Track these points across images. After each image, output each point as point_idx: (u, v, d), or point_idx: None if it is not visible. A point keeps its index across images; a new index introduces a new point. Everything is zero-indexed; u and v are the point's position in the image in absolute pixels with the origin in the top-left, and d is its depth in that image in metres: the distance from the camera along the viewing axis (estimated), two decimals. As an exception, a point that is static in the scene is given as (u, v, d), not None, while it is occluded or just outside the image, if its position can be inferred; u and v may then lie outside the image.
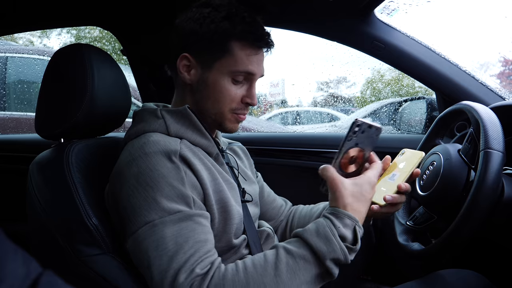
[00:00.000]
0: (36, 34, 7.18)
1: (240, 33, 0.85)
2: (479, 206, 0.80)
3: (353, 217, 0.74)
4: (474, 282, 0.90)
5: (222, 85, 0.87)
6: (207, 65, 0.87)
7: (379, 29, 1.30)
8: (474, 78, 1.29)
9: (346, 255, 0.71)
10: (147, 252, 0.71)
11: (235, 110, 0.90)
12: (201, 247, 0.72)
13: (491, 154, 0.81)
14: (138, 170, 0.76)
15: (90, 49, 0.94)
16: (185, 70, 0.89)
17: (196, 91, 0.90)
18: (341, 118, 5.39)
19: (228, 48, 0.86)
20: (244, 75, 0.88)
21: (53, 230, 0.81)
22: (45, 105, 0.94)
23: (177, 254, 0.70)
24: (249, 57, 0.87)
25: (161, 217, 0.72)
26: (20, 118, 2.99)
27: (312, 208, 1.15)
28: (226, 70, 0.87)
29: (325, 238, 0.71)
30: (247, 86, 0.90)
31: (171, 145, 0.80)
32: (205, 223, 0.77)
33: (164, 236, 0.71)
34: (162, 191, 0.74)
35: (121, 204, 0.78)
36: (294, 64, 7.33)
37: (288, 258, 0.71)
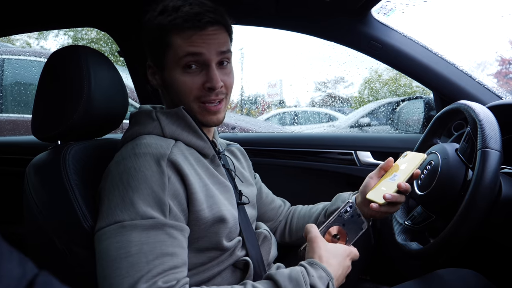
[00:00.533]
0: (33, 36, 7.17)
1: (170, 22, 0.82)
2: (477, 205, 0.80)
3: (328, 271, 0.75)
4: (472, 281, 0.90)
5: (177, 78, 0.85)
6: (161, 65, 0.88)
7: (376, 29, 1.30)
8: (471, 78, 1.30)
9: None
10: (108, 251, 0.70)
11: (200, 99, 0.86)
12: (167, 261, 0.70)
13: (488, 153, 0.81)
14: (123, 168, 0.76)
15: (87, 50, 0.94)
16: (152, 77, 0.92)
17: (167, 94, 0.91)
18: (339, 118, 5.40)
19: (167, 41, 0.84)
20: (192, 59, 0.83)
21: (50, 232, 0.81)
22: (42, 107, 0.93)
23: (139, 261, 0.68)
24: (190, 39, 0.82)
25: (132, 219, 0.71)
26: (17, 120, 2.98)
27: (311, 209, 1.15)
28: (174, 62, 0.84)
29: (296, 284, 0.71)
30: (205, 71, 0.85)
31: (162, 148, 0.79)
32: (176, 236, 0.74)
33: (130, 239, 0.70)
34: (140, 193, 0.73)
35: (101, 198, 0.78)
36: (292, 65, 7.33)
37: None
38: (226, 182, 0.90)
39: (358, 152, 1.60)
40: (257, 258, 0.92)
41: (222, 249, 0.85)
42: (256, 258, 0.92)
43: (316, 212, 1.12)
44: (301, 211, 1.17)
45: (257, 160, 1.56)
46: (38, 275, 0.34)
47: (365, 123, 4.00)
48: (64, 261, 0.79)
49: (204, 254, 0.84)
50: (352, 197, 1.05)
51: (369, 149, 1.59)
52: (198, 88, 0.85)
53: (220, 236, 0.83)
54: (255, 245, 0.94)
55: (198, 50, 0.82)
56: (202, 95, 0.85)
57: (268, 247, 0.99)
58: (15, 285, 0.31)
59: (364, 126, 3.97)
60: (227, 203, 0.86)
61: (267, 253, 0.98)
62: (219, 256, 0.86)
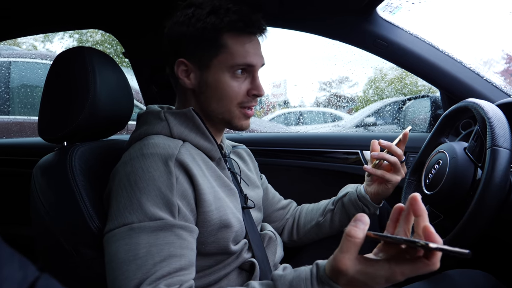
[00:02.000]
0: (39, 39, 7.22)
1: (229, 24, 0.83)
2: (486, 204, 0.78)
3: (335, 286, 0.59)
4: (482, 281, 0.89)
5: (224, 82, 0.85)
6: (204, 65, 0.86)
7: (382, 27, 1.29)
8: (479, 75, 1.28)
9: None
10: (117, 253, 0.70)
11: (242, 104, 0.88)
12: (173, 262, 0.70)
13: (498, 152, 0.80)
14: (131, 169, 0.76)
15: (92, 52, 0.94)
16: (184, 75, 0.88)
17: (199, 94, 0.89)
18: (344, 118, 5.38)
19: (221, 42, 0.84)
20: (244, 67, 0.86)
21: (57, 233, 0.81)
22: (48, 109, 0.93)
23: (146, 263, 0.68)
24: (244, 46, 0.85)
25: (140, 221, 0.71)
26: (23, 122, 3.00)
27: (319, 203, 1.18)
28: (224, 66, 0.85)
29: None
30: (250, 79, 0.88)
31: (170, 149, 0.79)
32: (185, 237, 0.74)
33: (138, 242, 0.69)
34: (148, 194, 0.73)
35: (109, 200, 0.77)
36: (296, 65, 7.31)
37: None
38: (231, 185, 0.89)
39: (364, 151, 1.59)
40: (263, 259, 0.92)
41: (229, 252, 0.85)
42: (262, 259, 0.92)
43: (324, 204, 1.13)
44: (309, 207, 1.19)
45: (263, 160, 1.56)
46: (39, 278, 0.34)
47: (370, 122, 3.98)
48: (71, 262, 0.79)
49: (211, 257, 0.83)
50: (360, 187, 1.08)
51: (376, 149, 1.58)
52: (243, 94, 0.87)
53: (227, 240, 0.83)
54: (260, 247, 0.94)
55: (253, 62, 0.86)
56: (245, 101, 0.88)
57: (274, 248, 0.98)
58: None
59: (369, 126, 3.95)
60: (232, 206, 0.86)
61: (273, 254, 0.97)
62: (226, 259, 0.85)
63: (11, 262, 0.32)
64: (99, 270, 0.78)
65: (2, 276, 0.30)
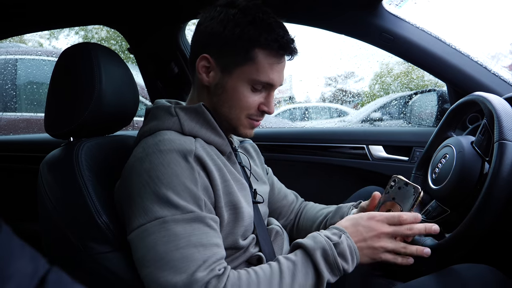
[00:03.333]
0: (45, 36, 7.25)
1: (265, 41, 0.82)
2: (494, 198, 0.78)
3: (341, 228, 0.80)
4: (489, 276, 0.88)
5: (241, 92, 0.85)
6: (228, 69, 0.85)
7: (388, 21, 1.28)
8: (486, 69, 1.27)
9: (332, 247, 0.75)
10: (154, 247, 0.70)
11: (250, 116, 0.89)
12: (214, 250, 0.72)
13: (506, 145, 0.79)
14: (150, 165, 0.75)
15: (97, 48, 0.94)
16: (204, 71, 0.87)
17: (213, 94, 0.89)
18: (349, 113, 5.35)
19: (251, 55, 0.83)
20: (264, 84, 0.87)
21: (64, 228, 0.81)
22: (54, 105, 0.94)
23: (192, 253, 0.69)
24: (272, 66, 0.85)
25: (173, 215, 0.71)
26: (30, 118, 3.03)
27: (316, 212, 1.14)
28: (246, 78, 0.85)
29: (312, 237, 0.78)
30: (265, 94, 0.89)
31: (187, 145, 0.79)
32: (216, 227, 0.76)
33: (176, 233, 0.70)
34: (174, 189, 0.73)
35: (130, 199, 0.77)
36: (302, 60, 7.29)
37: (288, 263, 0.75)
38: (242, 180, 0.90)
39: (370, 146, 1.58)
40: (270, 253, 0.92)
41: (237, 247, 0.85)
42: (269, 253, 0.92)
43: (319, 219, 1.11)
44: (308, 212, 1.17)
45: (269, 156, 1.56)
46: (50, 271, 0.34)
47: (376, 117, 3.96)
48: (78, 256, 0.80)
49: None
50: (351, 211, 1.04)
51: (382, 143, 1.57)
52: (255, 107, 0.88)
53: (237, 235, 0.84)
54: (268, 241, 0.94)
55: (275, 81, 0.87)
56: (254, 114, 0.89)
57: (281, 242, 0.99)
58: (27, 282, 0.31)
59: (375, 121, 3.93)
60: (244, 200, 0.86)
61: (280, 248, 0.97)
62: (234, 254, 0.86)
63: (22, 254, 0.32)
64: (106, 264, 0.79)
65: (14, 269, 0.30)
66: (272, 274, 0.73)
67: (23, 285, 0.31)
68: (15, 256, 0.32)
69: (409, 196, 0.82)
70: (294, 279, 0.72)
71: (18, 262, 0.31)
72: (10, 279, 0.29)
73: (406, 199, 0.82)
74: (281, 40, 0.83)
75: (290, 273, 0.73)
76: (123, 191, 0.81)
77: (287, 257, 0.76)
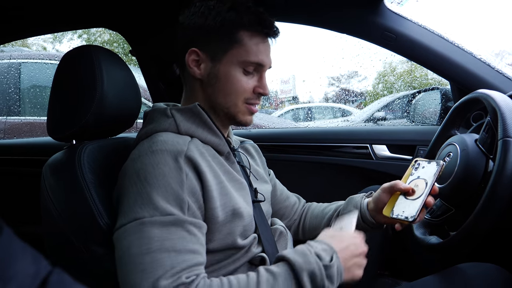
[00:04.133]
0: (49, 40, 7.31)
1: (248, 22, 0.85)
2: (499, 196, 0.77)
3: (331, 246, 0.77)
4: (494, 275, 0.88)
5: (234, 76, 0.87)
6: (217, 57, 0.87)
7: (390, 19, 1.27)
8: (489, 66, 1.26)
9: (321, 269, 0.72)
10: (129, 248, 0.70)
11: (247, 100, 0.90)
12: (187, 257, 0.70)
13: (510, 143, 0.78)
14: (141, 166, 0.76)
15: (99, 50, 0.94)
16: (194, 64, 0.89)
17: (207, 86, 0.89)
18: (353, 112, 5.34)
19: (237, 38, 0.86)
20: (255, 66, 0.88)
21: (67, 231, 0.81)
22: (56, 108, 0.94)
23: (162, 257, 0.68)
24: (258, 46, 0.87)
25: (151, 216, 0.71)
26: (34, 122, 3.04)
27: (324, 209, 1.14)
28: (236, 61, 0.86)
29: (301, 253, 0.74)
30: (257, 77, 0.90)
31: (179, 145, 0.79)
32: (195, 233, 0.74)
33: (150, 236, 0.69)
34: (158, 189, 0.73)
35: (120, 199, 0.78)
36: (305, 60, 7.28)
37: (268, 276, 0.72)
38: (241, 179, 0.89)
39: (374, 145, 1.57)
40: (274, 254, 0.92)
41: (237, 247, 0.85)
42: (273, 254, 0.91)
43: (328, 214, 1.10)
44: (314, 211, 1.16)
45: (271, 156, 1.55)
46: (52, 272, 0.34)
47: (380, 117, 3.95)
48: (81, 259, 0.80)
49: (219, 253, 0.83)
50: (363, 201, 1.04)
51: (385, 143, 1.57)
52: (250, 90, 0.89)
53: (235, 235, 0.83)
54: (271, 241, 0.94)
55: (264, 61, 0.89)
56: (251, 98, 0.90)
57: (285, 242, 0.98)
58: (29, 283, 0.31)
59: (379, 120, 3.92)
60: (242, 200, 0.86)
61: (283, 249, 0.97)
62: (234, 254, 0.85)
63: (24, 256, 0.32)
64: (109, 266, 0.79)
65: (15, 270, 0.30)
66: (247, 285, 0.70)
67: (25, 286, 0.31)
68: (16, 257, 0.32)
69: (434, 170, 0.87)
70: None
71: (20, 263, 0.31)
72: (11, 281, 0.30)
73: (432, 174, 0.87)
74: (263, 21, 0.87)
75: (269, 286, 0.70)
76: (117, 192, 0.82)
77: (268, 269, 0.74)
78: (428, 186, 0.85)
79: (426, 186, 0.86)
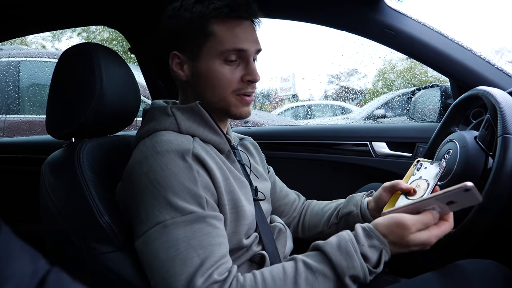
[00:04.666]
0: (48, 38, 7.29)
1: (215, 10, 0.82)
2: (498, 194, 0.77)
3: (383, 239, 0.71)
4: (494, 272, 0.87)
5: (216, 70, 0.84)
6: (195, 55, 0.85)
7: (389, 16, 1.27)
8: (489, 63, 1.26)
9: (366, 274, 0.68)
10: (157, 253, 0.69)
11: (238, 91, 0.87)
12: (216, 251, 0.70)
13: (510, 140, 0.78)
14: (149, 168, 0.75)
15: (98, 48, 0.94)
16: (178, 68, 0.88)
17: (194, 86, 0.89)
18: (353, 110, 5.33)
19: (209, 30, 0.83)
20: (235, 53, 0.85)
21: (67, 229, 0.81)
22: (55, 105, 0.94)
23: (191, 257, 0.68)
24: (233, 31, 0.83)
25: (173, 218, 0.71)
26: (33, 120, 3.03)
27: (324, 207, 1.14)
28: (214, 53, 0.84)
29: (346, 253, 0.69)
30: (244, 64, 0.87)
31: (184, 144, 0.78)
32: (218, 226, 0.75)
33: (176, 237, 0.69)
34: (173, 191, 0.72)
35: (132, 203, 0.77)
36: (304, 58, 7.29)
37: (307, 273, 0.69)
38: (242, 178, 0.89)
39: (373, 143, 1.57)
40: (273, 251, 0.92)
41: (241, 247, 0.85)
42: (272, 251, 0.91)
43: (328, 212, 1.10)
44: (314, 208, 1.16)
45: (271, 154, 1.55)
46: (50, 272, 0.34)
47: (380, 114, 3.94)
48: (81, 257, 0.80)
49: None
50: (363, 200, 1.03)
51: (385, 140, 1.57)
52: (237, 81, 0.86)
53: (241, 234, 0.83)
54: (270, 239, 0.94)
55: (243, 46, 0.84)
56: (241, 88, 0.87)
57: (284, 240, 0.98)
58: (26, 282, 0.31)
59: (379, 118, 3.91)
60: (244, 199, 0.85)
61: (283, 246, 0.97)
62: (236, 253, 0.85)
63: (22, 255, 0.32)
64: (109, 264, 0.79)
65: (12, 270, 0.30)
66: (284, 282, 0.68)
67: (22, 286, 0.31)
68: (14, 256, 0.31)
69: (436, 171, 0.85)
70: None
71: (17, 262, 0.31)
72: (9, 280, 0.29)
73: (434, 175, 0.84)
74: (230, 3, 0.83)
75: (308, 285, 0.68)
76: (125, 195, 0.81)
77: (307, 264, 0.70)
78: (430, 187, 0.83)
79: (428, 187, 0.84)
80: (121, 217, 0.84)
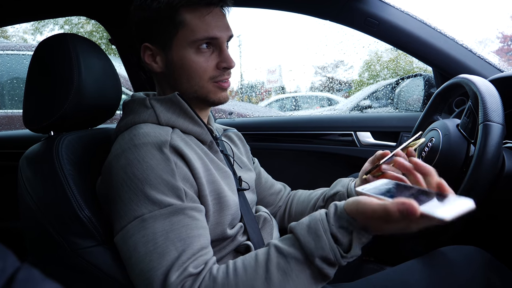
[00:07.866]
0: (29, 31, 7.11)
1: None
2: (479, 180, 0.78)
3: (351, 221, 0.62)
4: (476, 257, 0.89)
5: (189, 59, 0.83)
6: (167, 45, 0.84)
7: (372, 5, 1.27)
8: (471, 52, 1.27)
9: (337, 255, 0.62)
10: (136, 248, 0.69)
11: (214, 79, 0.86)
12: (194, 243, 0.70)
13: (490, 127, 0.79)
14: (126, 162, 0.74)
15: (75, 38, 0.91)
16: (150, 60, 0.87)
17: (169, 77, 0.87)
18: (340, 102, 5.36)
19: (178, 19, 0.81)
20: (207, 41, 0.84)
21: (47, 224, 0.79)
22: (32, 98, 0.91)
23: (169, 250, 0.67)
24: (204, 19, 0.82)
25: (151, 211, 0.70)
26: (12, 115, 2.96)
27: (310, 194, 1.14)
28: (185, 43, 0.82)
29: (314, 234, 0.64)
30: (217, 52, 0.86)
31: (162, 136, 0.77)
32: (198, 217, 0.74)
33: (154, 231, 0.69)
34: (151, 184, 0.71)
35: (111, 198, 0.76)
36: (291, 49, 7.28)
37: (279, 258, 0.66)
38: (225, 168, 0.88)
39: (358, 133, 1.58)
40: (258, 241, 0.92)
41: (225, 237, 0.84)
42: (258, 241, 0.91)
43: (315, 198, 1.10)
44: (301, 197, 1.16)
45: (256, 145, 1.55)
46: (19, 269, 0.32)
47: (365, 105, 3.97)
48: (61, 252, 0.78)
49: None
50: (351, 183, 1.02)
51: (369, 129, 1.57)
52: (212, 68, 0.85)
53: (224, 224, 0.82)
54: (255, 229, 0.93)
55: (215, 35, 0.83)
56: (217, 75, 0.86)
57: (270, 229, 0.98)
58: None
59: (365, 108, 3.94)
60: (228, 189, 0.85)
61: (269, 235, 0.97)
62: (221, 243, 0.85)
63: None
64: (90, 259, 0.77)
65: None
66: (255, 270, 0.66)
67: None
68: None
69: None
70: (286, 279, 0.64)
71: None
72: None
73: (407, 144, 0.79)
74: None
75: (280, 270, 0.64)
76: (104, 189, 0.80)
77: (279, 248, 0.67)
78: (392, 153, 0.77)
79: None
80: (102, 211, 0.82)
